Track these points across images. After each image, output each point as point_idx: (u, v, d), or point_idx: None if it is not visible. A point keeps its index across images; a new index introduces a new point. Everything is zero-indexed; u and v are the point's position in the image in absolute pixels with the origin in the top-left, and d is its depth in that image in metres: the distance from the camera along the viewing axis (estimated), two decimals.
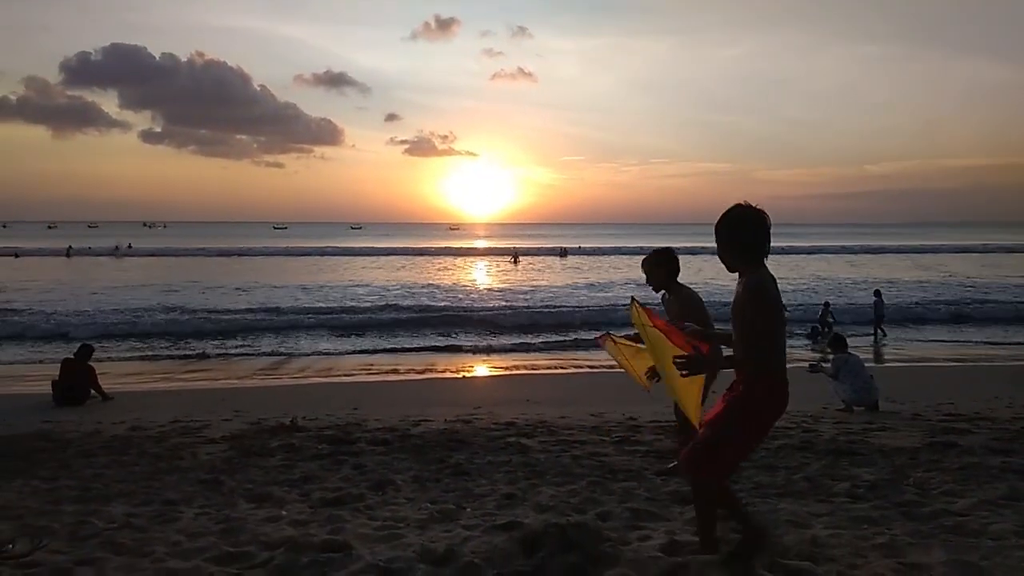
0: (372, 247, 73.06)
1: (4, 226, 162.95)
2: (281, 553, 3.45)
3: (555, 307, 24.63)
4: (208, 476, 5.53)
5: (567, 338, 18.97)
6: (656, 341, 3.49)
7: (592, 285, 33.62)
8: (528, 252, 63.56)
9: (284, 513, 4.28)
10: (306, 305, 25.60)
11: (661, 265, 5.07)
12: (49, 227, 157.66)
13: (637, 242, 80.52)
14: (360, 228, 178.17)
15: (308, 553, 3.46)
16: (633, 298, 4.31)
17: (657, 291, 5.18)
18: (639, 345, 4.16)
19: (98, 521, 4.08)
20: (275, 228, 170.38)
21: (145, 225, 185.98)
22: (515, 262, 53.73)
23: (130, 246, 67.72)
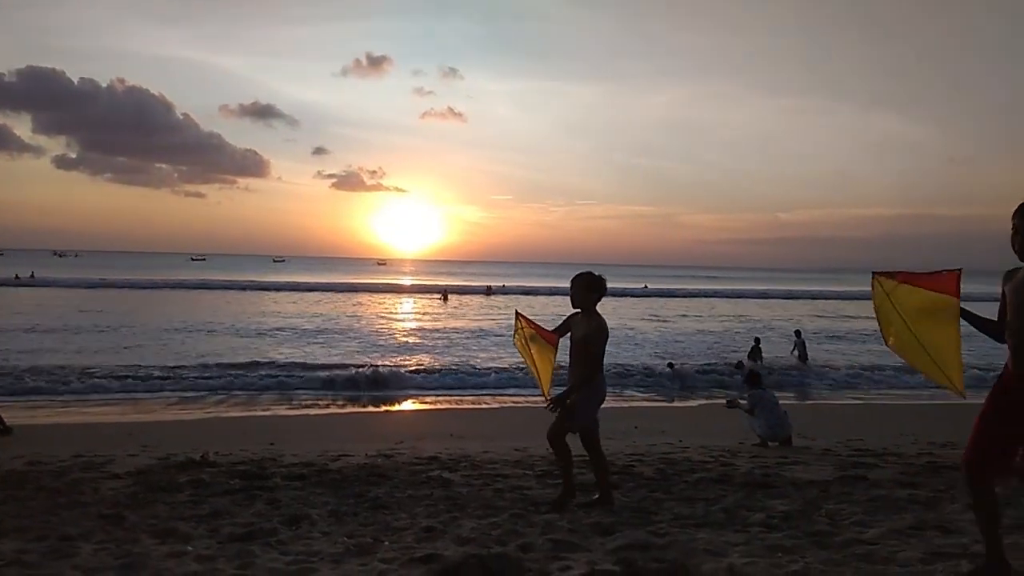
0: (295, 281, 70.51)
1: None
2: None
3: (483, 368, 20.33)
4: (110, 511, 5.22)
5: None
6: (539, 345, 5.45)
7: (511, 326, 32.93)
8: (456, 290, 63.16)
9: (190, 548, 4.07)
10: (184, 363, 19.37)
11: (594, 289, 5.41)
12: None
13: (561, 282, 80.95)
14: (283, 261, 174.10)
15: None
16: (517, 312, 5.84)
17: (575, 307, 5.47)
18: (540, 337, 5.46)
19: None
20: (193, 259, 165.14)
21: (56, 254, 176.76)
22: (445, 300, 53.33)
23: (33, 275, 64.26)
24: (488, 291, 62.14)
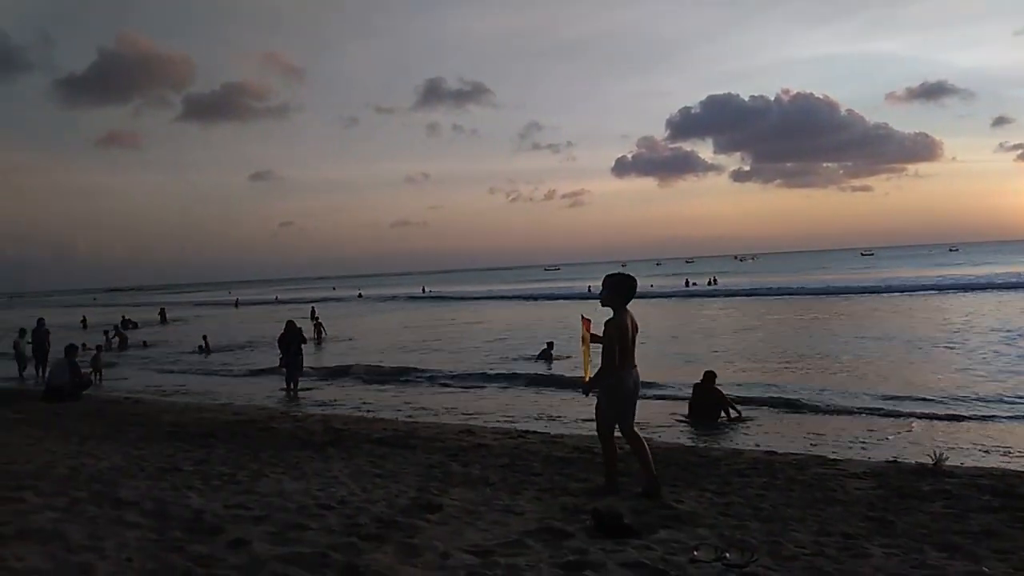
0: (975, 276, 53.73)
1: (658, 264, 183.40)
2: None
3: None
4: (873, 514, 5.36)
5: None
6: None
7: None
8: None
9: (987, 570, 3.84)
10: None
11: (615, 289, 5.91)
12: (657, 264, 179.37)
13: None
14: (957, 250, 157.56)
15: None
16: (582, 315, 6.38)
17: (604, 306, 5.97)
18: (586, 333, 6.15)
19: (789, 543, 4.27)
20: (863, 254, 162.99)
21: (736, 258, 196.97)
22: None
23: (712, 281, 65.39)
24: None
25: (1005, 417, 11.54)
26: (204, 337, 29.27)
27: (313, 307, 45.85)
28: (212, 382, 19.88)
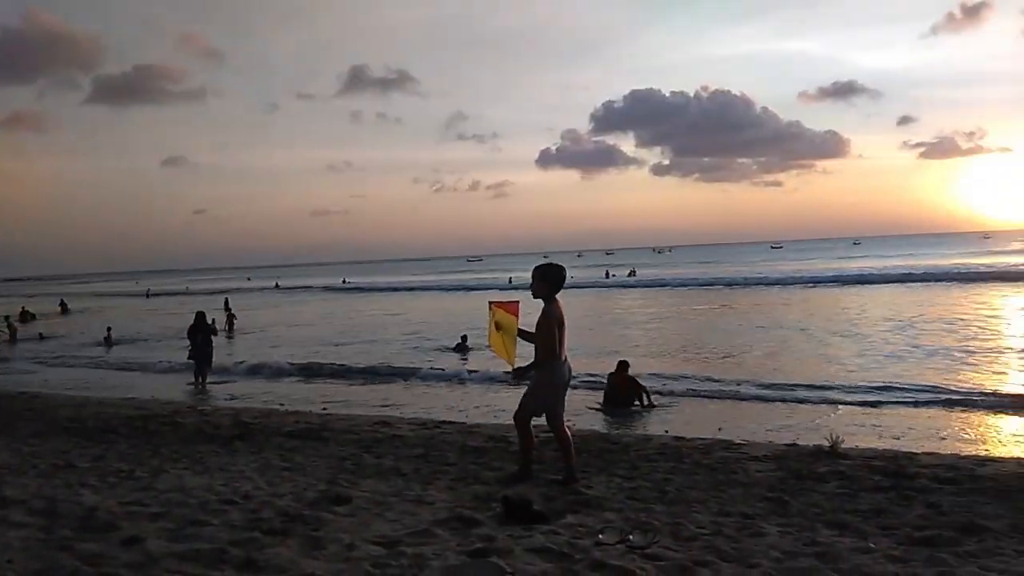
0: (870, 268, 56.10)
1: (579, 255, 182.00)
2: None
3: None
4: (772, 495, 5.57)
5: None
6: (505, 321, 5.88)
7: None
8: None
9: (872, 546, 4.05)
10: None
11: (546, 279, 5.83)
12: (578, 255, 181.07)
13: None
14: (859, 244, 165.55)
15: None
16: (489, 302, 6.19)
17: (536, 298, 5.91)
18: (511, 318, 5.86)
19: (690, 524, 4.39)
20: (772, 247, 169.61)
21: (654, 250, 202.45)
22: None
23: (631, 273, 67.60)
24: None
25: (894, 402, 12.21)
26: (108, 329, 28.01)
27: (227, 298, 44.51)
28: (115, 376, 19.07)
